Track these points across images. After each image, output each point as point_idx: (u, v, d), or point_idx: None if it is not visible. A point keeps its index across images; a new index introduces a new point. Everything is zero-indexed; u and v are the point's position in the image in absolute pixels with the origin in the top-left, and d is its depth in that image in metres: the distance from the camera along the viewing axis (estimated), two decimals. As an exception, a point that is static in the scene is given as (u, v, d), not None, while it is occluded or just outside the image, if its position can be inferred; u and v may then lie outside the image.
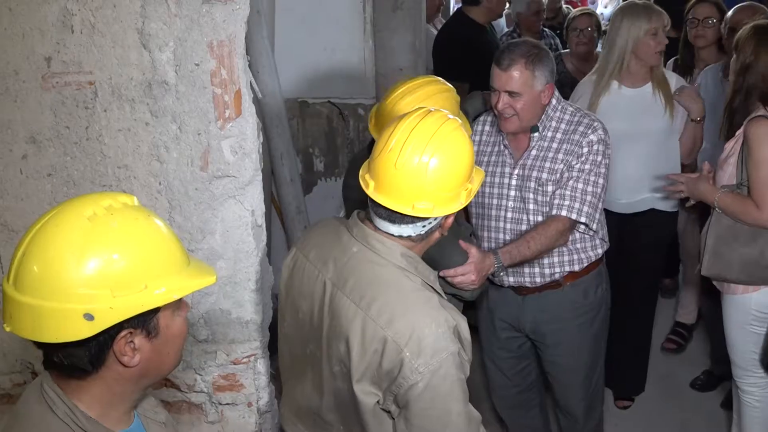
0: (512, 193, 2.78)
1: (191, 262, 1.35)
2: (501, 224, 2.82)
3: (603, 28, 4.69)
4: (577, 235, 2.80)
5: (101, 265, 1.21)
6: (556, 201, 2.69)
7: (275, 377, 2.39)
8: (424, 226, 1.82)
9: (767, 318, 2.93)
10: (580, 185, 2.68)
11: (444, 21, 6.31)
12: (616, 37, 3.35)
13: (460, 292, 2.42)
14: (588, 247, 2.85)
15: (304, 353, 1.99)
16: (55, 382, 1.31)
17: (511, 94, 2.60)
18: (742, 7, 3.84)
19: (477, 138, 2.88)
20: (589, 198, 2.68)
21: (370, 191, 1.80)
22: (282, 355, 2.15)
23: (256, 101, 2.24)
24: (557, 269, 2.83)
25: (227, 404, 2.34)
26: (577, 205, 2.67)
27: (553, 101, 2.73)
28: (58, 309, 1.20)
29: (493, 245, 2.81)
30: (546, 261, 2.80)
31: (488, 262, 2.47)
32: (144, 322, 1.27)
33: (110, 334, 1.24)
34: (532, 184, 2.73)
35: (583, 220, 2.68)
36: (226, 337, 2.31)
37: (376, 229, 1.84)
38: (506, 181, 2.79)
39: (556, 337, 2.94)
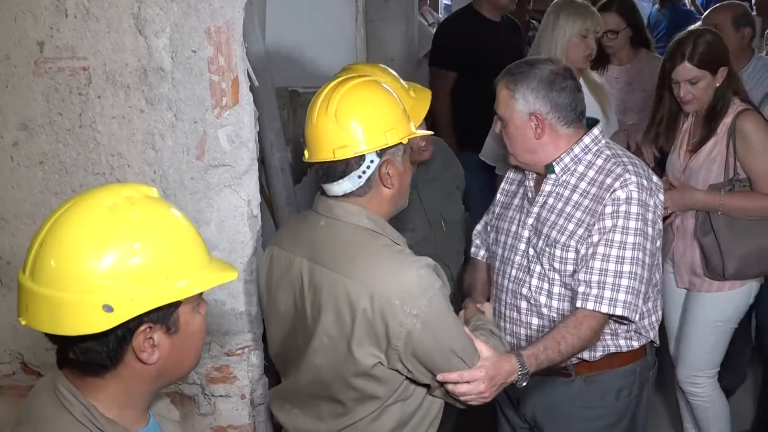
0: (522, 246, 2.29)
1: (211, 258, 1.31)
2: (505, 282, 2.34)
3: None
4: None
5: (121, 255, 1.17)
6: (582, 289, 2.12)
7: (268, 369, 2.37)
8: (359, 177, 1.85)
9: (736, 316, 2.99)
10: (611, 266, 2.10)
11: (431, 11, 6.32)
12: (550, 34, 3.25)
13: (452, 400, 1.97)
14: (607, 334, 2.23)
15: (295, 346, 2.00)
16: (70, 381, 1.26)
17: (500, 118, 2.22)
18: (722, 6, 3.85)
19: (506, 186, 2.49)
20: (624, 282, 2.10)
21: (305, 159, 1.90)
22: (275, 359, 2.18)
23: (253, 89, 2.20)
24: None
25: (220, 396, 2.32)
26: (608, 293, 2.10)
27: (586, 140, 2.20)
28: (77, 300, 1.15)
29: (495, 306, 2.37)
30: None
31: (507, 367, 1.95)
32: (164, 317, 1.23)
33: (129, 328, 1.20)
34: (541, 243, 2.22)
35: (618, 312, 2.11)
36: (219, 328, 2.27)
37: (332, 197, 1.91)
38: (519, 230, 2.31)
39: None
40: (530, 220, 2.27)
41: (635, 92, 3.77)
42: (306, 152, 1.91)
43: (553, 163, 2.20)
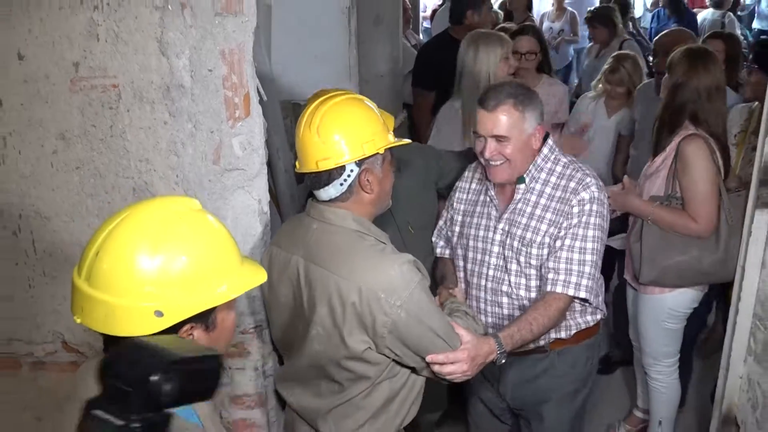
0: (495, 249, 2.27)
1: (243, 258, 1.30)
2: (483, 282, 2.32)
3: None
4: None
5: (171, 265, 1.15)
6: (551, 276, 2.16)
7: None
8: (341, 184, 1.86)
9: (680, 316, 2.93)
10: (576, 255, 2.14)
11: (413, 33, 6.28)
12: (475, 64, 3.17)
13: (438, 378, 1.95)
14: (577, 314, 2.31)
15: (296, 333, 2.00)
16: None
17: (498, 139, 2.12)
18: (670, 32, 3.83)
19: (464, 196, 2.43)
20: (587, 270, 2.15)
21: (296, 169, 1.93)
22: (277, 343, 2.21)
23: (262, 103, 2.17)
24: (541, 340, 2.29)
25: (237, 369, 2.29)
26: (574, 279, 2.15)
27: (545, 150, 2.21)
28: (132, 307, 1.13)
29: (474, 303, 2.36)
30: None
31: (486, 348, 1.97)
32: (204, 317, 1.21)
33: (175, 328, 1.18)
34: (516, 243, 2.21)
35: (582, 295, 2.16)
36: (236, 310, 2.24)
37: (321, 202, 1.92)
38: (490, 235, 2.28)
39: (536, 407, 2.43)
40: (501, 225, 2.26)
41: None
42: (297, 163, 1.93)
43: (524, 175, 2.21)
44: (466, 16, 4.07)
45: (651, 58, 3.79)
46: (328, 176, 1.86)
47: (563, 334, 2.31)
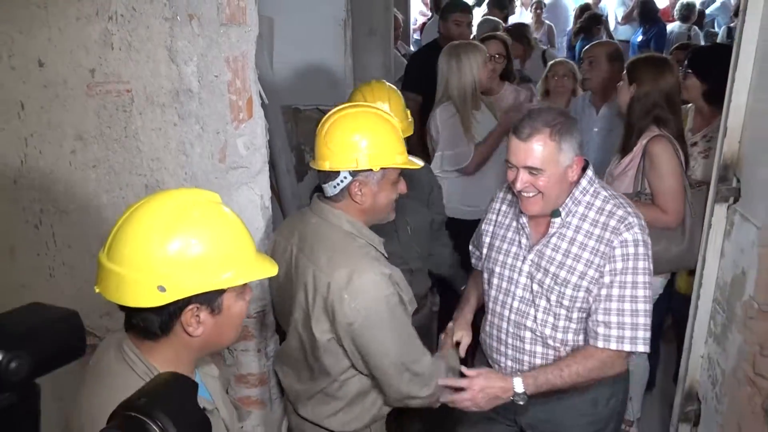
0: (522, 280, 1.97)
1: (258, 253, 1.29)
2: (506, 313, 2.02)
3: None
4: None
5: (179, 247, 1.16)
6: (601, 331, 1.85)
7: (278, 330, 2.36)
8: (335, 187, 1.85)
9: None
10: (627, 305, 1.83)
11: (404, 44, 6.29)
12: (460, 74, 3.21)
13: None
14: None
15: (287, 316, 2.01)
16: (133, 342, 1.25)
17: (531, 170, 1.82)
18: (598, 43, 3.84)
19: (493, 217, 2.13)
20: (641, 320, 1.83)
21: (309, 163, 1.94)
22: (277, 317, 2.22)
23: (263, 106, 2.17)
24: None
25: (241, 350, 2.29)
26: (628, 333, 1.83)
27: (584, 182, 1.89)
28: (138, 279, 1.15)
29: (495, 333, 2.07)
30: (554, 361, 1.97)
31: (500, 383, 1.79)
32: (210, 300, 1.21)
33: (179, 306, 1.18)
34: (548, 281, 1.91)
35: (640, 350, 1.85)
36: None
37: (323, 200, 1.92)
38: (518, 265, 1.99)
39: None
40: (531, 256, 1.95)
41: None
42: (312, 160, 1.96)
43: (560, 208, 1.89)
44: (439, 26, 4.20)
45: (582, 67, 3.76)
46: (326, 176, 1.87)
47: None
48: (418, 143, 3.65)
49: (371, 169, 1.82)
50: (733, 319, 2.28)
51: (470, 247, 2.34)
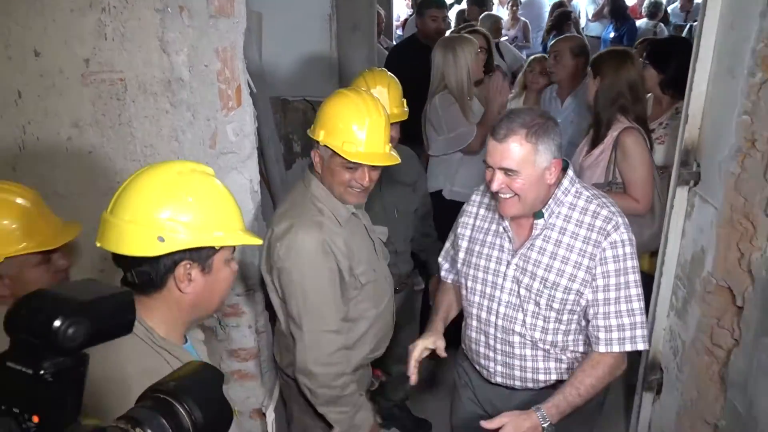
0: (508, 285, 1.85)
1: (245, 228, 1.35)
2: (493, 318, 1.89)
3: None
4: (579, 338, 1.86)
5: (179, 204, 1.21)
6: (602, 335, 1.76)
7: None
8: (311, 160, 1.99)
9: None
10: (623, 306, 1.75)
11: (386, 39, 6.27)
12: (456, 66, 3.23)
13: None
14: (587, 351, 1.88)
15: None
16: None
17: (507, 171, 1.71)
18: (564, 38, 3.85)
19: (470, 221, 1.98)
20: (638, 319, 1.76)
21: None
22: None
23: (252, 95, 2.16)
24: (554, 376, 1.90)
25: (232, 326, 2.29)
26: (628, 333, 1.76)
27: (565, 182, 1.79)
28: (140, 230, 1.20)
29: (482, 339, 1.94)
30: (541, 366, 1.88)
31: (527, 425, 1.66)
32: (202, 258, 1.25)
33: (174, 260, 1.22)
34: (537, 285, 1.80)
35: (641, 347, 1.78)
36: (234, 271, 2.25)
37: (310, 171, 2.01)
38: (502, 269, 1.86)
39: None
40: (515, 260, 1.83)
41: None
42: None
43: (543, 209, 1.79)
44: (416, 22, 4.22)
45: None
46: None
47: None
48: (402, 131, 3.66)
49: (325, 145, 1.92)
50: (693, 294, 2.32)
51: (439, 260, 2.17)
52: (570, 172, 1.82)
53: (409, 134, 3.56)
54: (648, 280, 2.67)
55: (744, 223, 1.97)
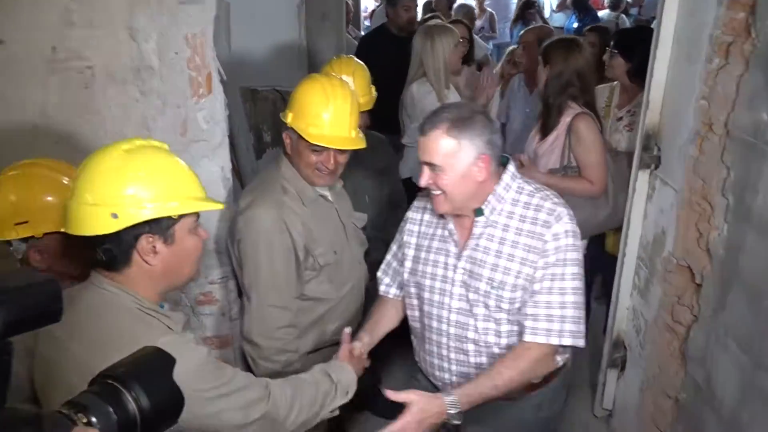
0: (457, 291, 1.75)
1: (208, 197, 1.37)
2: (444, 327, 1.78)
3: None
4: None
5: (129, 180, 1.24)
6: (529, 324, 1.67)
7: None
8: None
9: None
10: (556, 298, 1.65)
11: (354, 29, 6.28)
12: (433, 54, 3.26)
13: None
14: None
15: None
16: (105, 278, 1.30)
17: (432, 167, 1.64)
18: (532, 29, 3.91)
19: (416, 228, 1.87)
20: (569, 313, 1.66)
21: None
22: None
23: (222, 82, 2.15)
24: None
25: (206, 314, 2.29)
26: (556, 326, 1.65)
27: (506, 178, 1.71)
28: (94, 210, 1.23)
29: (435, 350, 1.83)
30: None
31: (435, 409, 1.57)
32: (162, 230, 1.28)
33: (134, 235, 1.25)
34: (483, 286, 1.70)
35: (567, 342, 1.66)
36: (203, 263, 2.24)
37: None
38: (450, 275, 1.76)
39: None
40: (462, 263, 1.74)
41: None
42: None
43: (482, 206, 1.70)
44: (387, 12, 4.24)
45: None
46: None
47: (535, 379, 1.78)
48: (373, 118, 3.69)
49: (293, 127, 1.94)
50: (655, 273, 2.39)
51: (378, 274, 2.02)
52: (511, 168, 1.74)
53: (383, 123, 3.61)
54: (613, 261, 2.76)
55: (702, 204, 2.04)
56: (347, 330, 1.84)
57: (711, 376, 1.95)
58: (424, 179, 1.67)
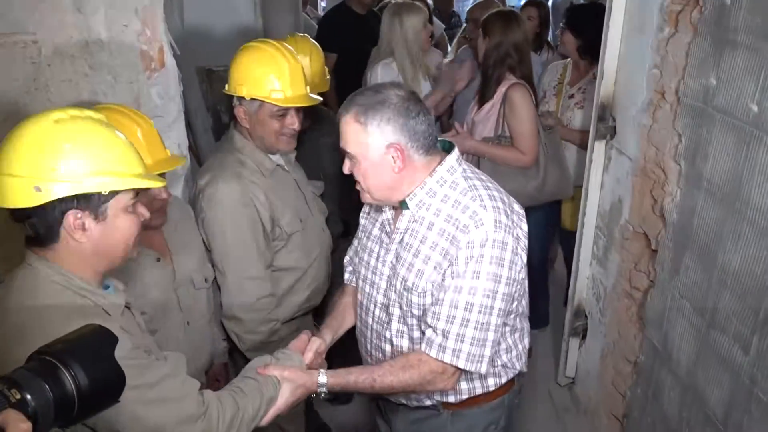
0: (383, 284, 1.62)
1: (148, 174, 1.29)
2: (369, 321, 1.67)
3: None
4: None
5: (55, 152, 1.17)
6: (428, 334, 1.51)
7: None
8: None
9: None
10: (458, 313, 1.47)
11: (312, 9, 6.19)
12: (401, 32, 3.22)
13: None
14: (468, 379, 1.63)
15: None
16: (35, 254, 1.24)
17: (348, 155, 1.52)
18: (479, 4, 3.93)
19: (367, 209, 1.76)
20: (469, 333, 1.47)
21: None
22: None
23: (175, 56, 2.09)
24: (427, 401, 1.68)
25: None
26: (451, 343, 1.48)
27: (441, 171, 1.52)
28: (17, 183, 1.17)
29: (362, 341, 1.74)
30: None
31: (307, 383, 1.50)
32: (92, 206, 1.21)
33: (61, 210, 1.19)
34: (399, 285, 1.56)
35: (461, 365, 1.49)
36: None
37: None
38: (379, 267, 1.63)
39: None
40: (389, 257, 1.60)
41: None
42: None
43: (406, 199, 1.53)
44: None
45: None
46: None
47: (451, 399, 1.65)
48: (335, 98, 3.62)
49: (251, 99, 1.93)
50: (612, 241, 2.44)
51: (345, 261, 1.89)
52: (451, 159, 1.54)
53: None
54: (573, 237, 2.80)
55: (656, 171, 2.08)
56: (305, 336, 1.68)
57: (668, 338, 2.00)
58: (345, 167, 1.55)
